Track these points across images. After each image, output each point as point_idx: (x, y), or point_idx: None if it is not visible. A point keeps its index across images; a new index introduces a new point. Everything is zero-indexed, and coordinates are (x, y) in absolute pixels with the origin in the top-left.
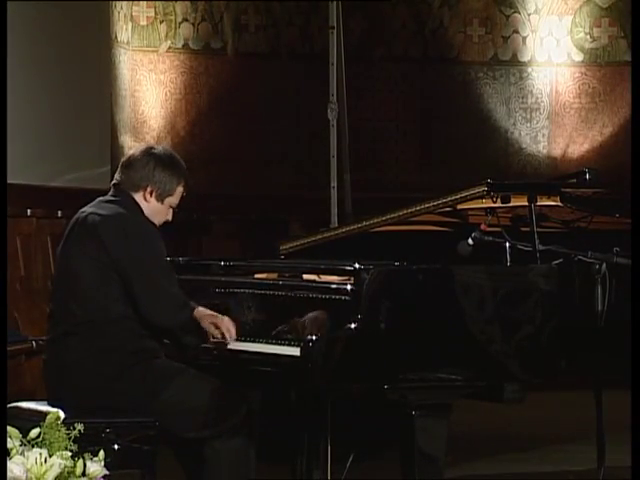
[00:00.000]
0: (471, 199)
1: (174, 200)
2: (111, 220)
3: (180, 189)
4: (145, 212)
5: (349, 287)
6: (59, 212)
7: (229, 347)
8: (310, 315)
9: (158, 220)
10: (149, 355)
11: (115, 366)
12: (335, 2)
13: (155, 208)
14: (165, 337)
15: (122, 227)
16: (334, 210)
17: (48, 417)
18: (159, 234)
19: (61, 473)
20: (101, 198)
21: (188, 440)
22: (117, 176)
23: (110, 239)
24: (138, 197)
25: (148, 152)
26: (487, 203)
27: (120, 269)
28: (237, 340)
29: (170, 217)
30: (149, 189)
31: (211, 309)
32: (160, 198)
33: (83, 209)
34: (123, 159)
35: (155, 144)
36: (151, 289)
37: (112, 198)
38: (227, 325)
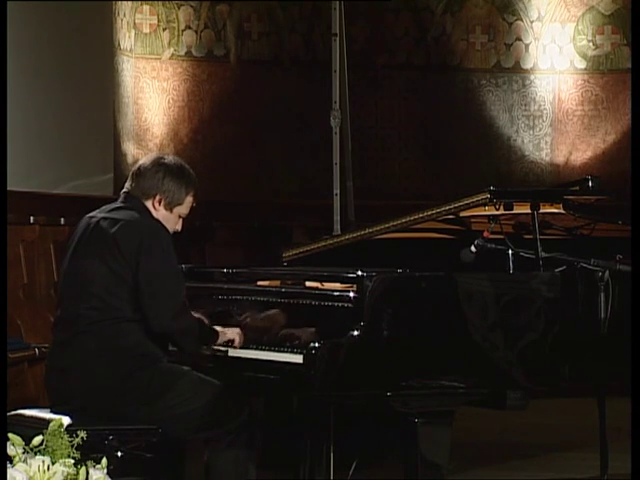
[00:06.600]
0: (474, 206)
1: (183, 210)
2: (126, 224)
3: (189, 199)
4: None
5: (352, 294)
6: (62, 219)
7: (232, 354)
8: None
9: (167, 229)
10: (154, 359)
11: (121, 368)
12: (338, 9)
13: (164, 217)
14: (169, 342)
15: (137, 230)
16: (337, 217)
17: (51, 424)
18: (171, 238)
19: None
20: (110, 205)
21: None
22: (127, 184)
23: (125, 242)
24: (148, 205)
25: (158, 162)
26: (490, 210)
27: (132, 271)
28: (240, 347)
29: (179, 227)
30: (158, 197)
31: (214, 316)
32: (169, 207)
33: (92, 214)
34: (134, 168)
35: (165, 154)
36: (154, 292)
37: (122, 205)
38: (235, 333)
